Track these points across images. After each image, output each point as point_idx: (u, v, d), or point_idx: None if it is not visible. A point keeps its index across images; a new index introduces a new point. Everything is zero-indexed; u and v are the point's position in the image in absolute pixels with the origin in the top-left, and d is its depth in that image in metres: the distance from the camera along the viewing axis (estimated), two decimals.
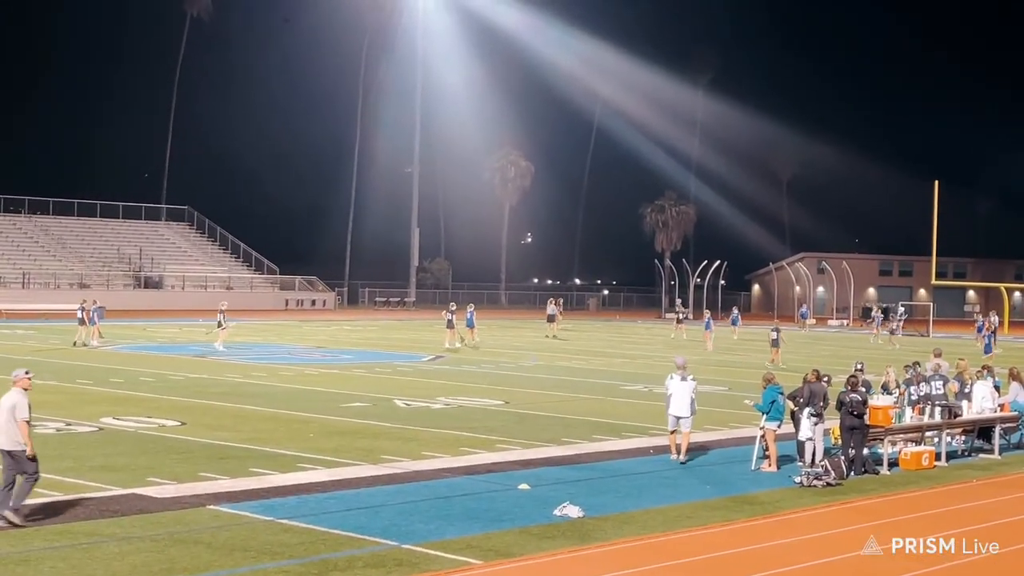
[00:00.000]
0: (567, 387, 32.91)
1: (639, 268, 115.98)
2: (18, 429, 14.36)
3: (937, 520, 15.78)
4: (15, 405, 14.47)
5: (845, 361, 41.79)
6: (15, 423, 14.37)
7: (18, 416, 14.38)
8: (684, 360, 20.74)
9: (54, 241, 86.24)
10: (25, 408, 14.47)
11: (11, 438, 14.39)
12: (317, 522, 14.77)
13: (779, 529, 15.43)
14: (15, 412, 14.40)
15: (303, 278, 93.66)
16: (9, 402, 14.51)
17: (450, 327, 48.73)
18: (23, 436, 14.37)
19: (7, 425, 14.38)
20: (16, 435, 14.38)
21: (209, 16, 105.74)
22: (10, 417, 14.39)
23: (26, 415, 14.44)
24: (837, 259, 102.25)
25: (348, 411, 25.87)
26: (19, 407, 14.45)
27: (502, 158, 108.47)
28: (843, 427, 19.82)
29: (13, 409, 14.43)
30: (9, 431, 14.38)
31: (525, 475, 18.32)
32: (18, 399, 14.54)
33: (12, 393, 14.64)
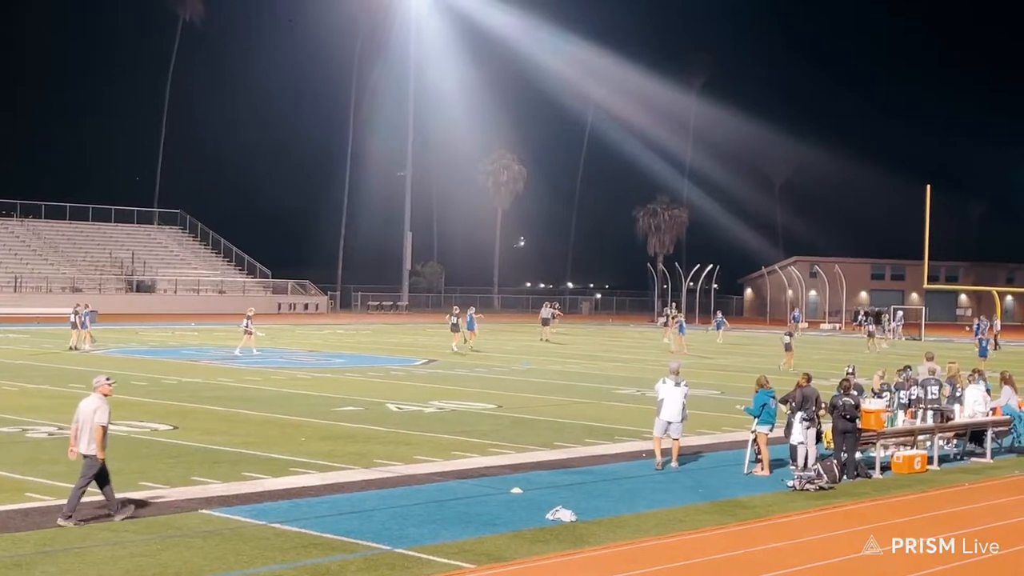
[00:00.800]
0: (560, 391, 32.90)
1: (632, 272, 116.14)
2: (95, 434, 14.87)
3: (930, 523, 15.79)
4: (96, 410, 14.95)
5: (837, 365, 41.88)
6: (94, 427, 14.88)
7: (96, 421, 14.87)
8: (678, 365, 20.65)
9: (46, 245, 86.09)
10: (105, 414, 15.00)
11: (92, 444, 14.92)
12: (310, 526, 14.75)
13: (772, 533, 15.44)
14: (95, 417, 14.89)
15: (296, 282, 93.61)
16: (91, 407, 14.99)
17: (455, 330, 49.04)
18: (96, 441, 14.84)
19: (88, 430, 14.89)
20: (93, 440, 14.89)
21: (202, 20, 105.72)
22: (91, 422, 14.91)
23: (105, 421, 14.95)
24: (829, 263, 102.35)
25: (341, 415, 25.85)
26: (99, 413, 14.94)
27: (495, 161, 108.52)
28: (835, 431, 19.83)
29: (94, 414, 14.92)
30: (90, 434, 14.91)
31: (518, 479, 18.32)
32: (99, 404, 15.03)
33: (93, 399, 15.13)
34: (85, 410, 15.01)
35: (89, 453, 14.85)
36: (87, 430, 14.88)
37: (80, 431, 14.93)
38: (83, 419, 14.96)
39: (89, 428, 14.85)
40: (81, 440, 14.90)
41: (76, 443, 14.95)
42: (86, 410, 15.00)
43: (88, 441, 14.84)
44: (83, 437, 14.90)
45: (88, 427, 14.86)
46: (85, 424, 14.91)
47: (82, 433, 14.92)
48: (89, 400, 15.15)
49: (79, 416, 14.99)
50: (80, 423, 14.95)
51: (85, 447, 14.87)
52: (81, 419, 14.96)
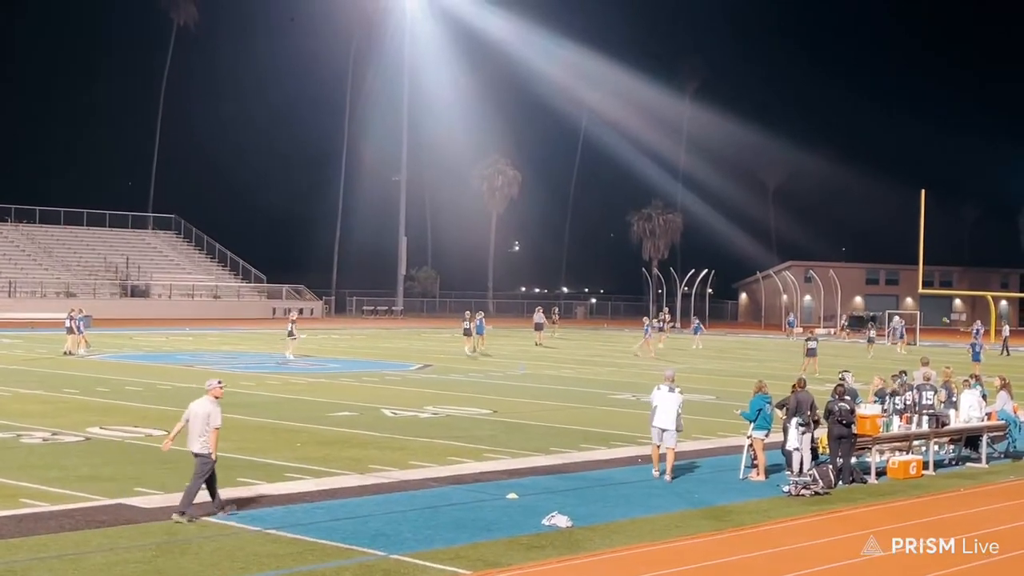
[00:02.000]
0: (555, 396, 32.88)
1: (627, 276, 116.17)
2: (210, 434, 15.54)
3: (926, 528, 15.78)
4: (209, 414, 15.63)
5: (833, 369, 41.88)
6: (208, 430, 15.51)
7: (211, 424, 15.57)
8: (673, 372, 20.39)
9: (40, 250, 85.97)
10: (218, 417, 15.70)
11: (204, 443, 15.56)
12: (305, 532, 14.73)
13: (767, 538, 15.43)
14: (209, 420, 15.56)
15: (290, 286, 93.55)
16: (204, 410, 15.66)
17: (467, 334, 49.41)
18: (211, 443, 15.52)
19: (201, 430, 15.54)
20: (207, 441, 15.54)
21: (196, 24, 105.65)
22: (204, 424, 15.53)
23: (219, 423, 15.66)
24: (824, 267, 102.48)
25: (336, 420, 25.82)
26: (213, 416, 15.64)
27: (490, 166, 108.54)
28: (831, 436, 19.83)
29: (208, 417, 15.58)
30: (203, 436, 15.55)
31: (513, 484, 18.29)
32: (212, 408, 15.71)
33: (204, 401, 15.79)
34: (198, 412, 15.69)
35: (202, 452, 15.52)
36: (198, 431, 15.53)
37: (190, 431, 15.61)
38: (194, 420, 15.63)
39: (200, 429, 15.53)
40: (192, 440, 15.59)
41: (173, 440, 15.86)
42: (199, 412, 15.68)
43: (202, 442, 15.53)
44: (193, 437, 15.58)
45: (199, 428, 15.54)
46: (196, 425, 15.57)
47: (191, 433, 15.60)
48: (201, 402, 15.80)
49: (189, 416, 15.67)
50: (190, 423, 15.64)
51: (198, 447, 15.54)
52: (192, 420, 15.65)
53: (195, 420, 15.67)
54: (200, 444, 15.58)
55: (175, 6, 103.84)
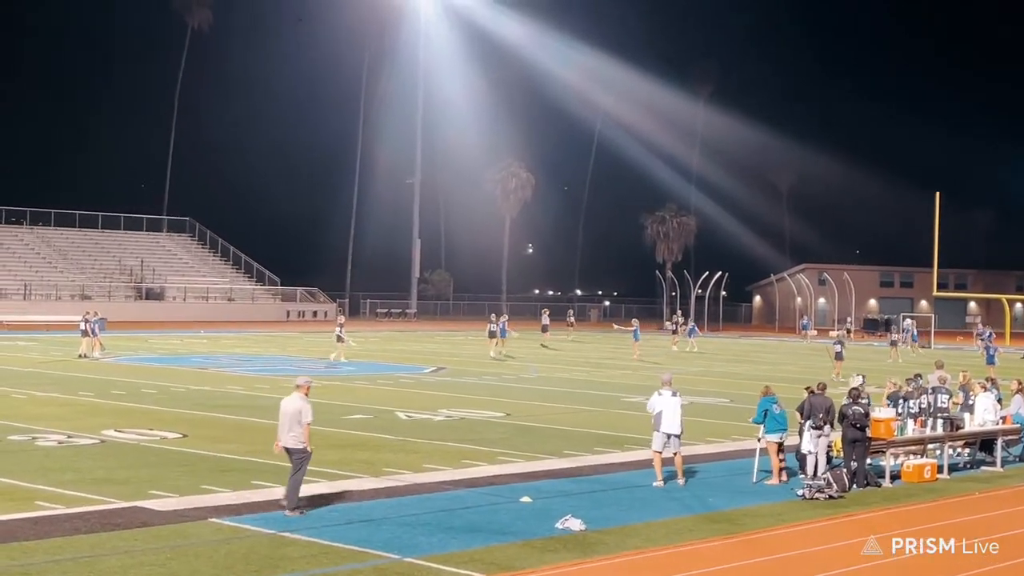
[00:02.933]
0: (569, 399, 32.88)
1: (640, 279, 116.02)
2: (301, 430, 16.14)
3: (940, 532, 15.74)
4: (300, 410, 16.23)
5: (847, 372, 41.80)
6: (300, 425, 16.12)
7: (303, 420, 16.20)
8: (671, 375, 20.13)
9: (55, 252, 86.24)
10: (309, 412, 16.33)
11: (296, 438, 16.18)
12: (319, 535, 14.76)
13: (781, 542, 15.41)
14: (301, 416, 16.15)
15: (304, 289, 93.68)
16: (294, 407, 16.27)
17: (492, 336, 49.58)
18: (305, 437, 16.17)
19: (293, 426, 16.15)
20: (300, 436, 16.13)
21: (210, 28, 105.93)
22: (295, 420, 16.15)
23: (310, 419, 16.30)
24: (838, 270, 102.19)
25: (350, 423, 25.86)
26: (304, 411, 16.25)
27: (503, 169, 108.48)
28: (845, 440, 19.79)
29: (299, 413, 16.19)
30: (294, 432, 16.16)
31: (527, 488, 18.31)
32: (302, 404, 16.30)
33: (294, 398, 16.41)
34: (289, 408, 16.29)
35: (295, 447, 16.15)
36: (288, 427, 16.16)
37: (281, 427, 16.29)
38: (285, 417, 16.26)
39: (290, 425, 16.13)
40: (283, 436, 16.24)
41: (280, 439, 16.39)
42: (289, 409, 16.28)
43: (293, 437, 16.14)
44: (284, 433, 16.23)
45: (290, 424, 16.14)
46: (287, 421, 16.20)
47: (282, 429, 16.24)
48: (291, 399, 16.41)
49: (282, 414, 16.31)
50: (281, 420, 16.32)
51: (291, 443, 16.16)
52: (283, 416, 16.30)
53: (286, 417, 16.27)
54: (291, 439, 16.20)
55: (189, 9, 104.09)
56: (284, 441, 16.32)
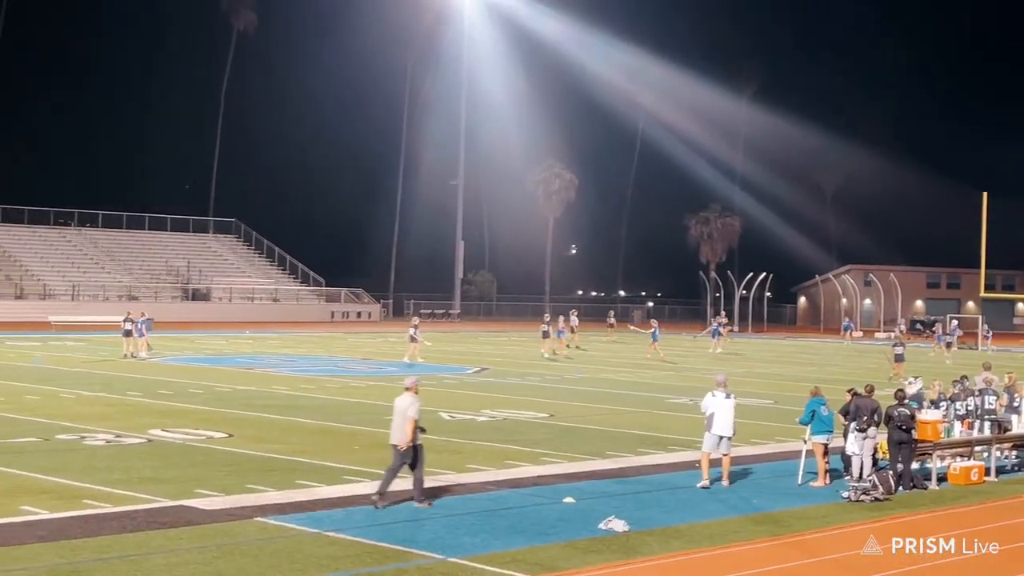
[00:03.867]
0: (612, 400, 32.84)
1: (684, 280, 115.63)
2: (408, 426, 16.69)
3: (986, 535, 15.59)
4: (409, 407, 16.80)
5: (907, 374, 41.52)
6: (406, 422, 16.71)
7: (408, 415, 16.73)
8: (725, 377, 20.06)
9: (103, 253, 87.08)
10: (416, 409, 16.82)
11: (405, 435, 16.72)
12: (363, 535, 14.82)
13: (827, 544, 15.33)
14: (407, 412, 16.73)
15: (349, 290, 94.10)
16: (403, 404, 16.86)
17: (546, 336, 49.68)
18: (408, 432, 16.69)
19: (402, 423, 16.73)
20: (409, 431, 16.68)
21: (255, 30, 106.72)
22: (404, 416, 16.72)
23: (414, 415, 16.75)
24: (884, 271, 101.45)
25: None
26: (410, 408, 16.83)
27: (546, 170, 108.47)
28: (891, 442, 19.65)
29: (407, 410, 16.73)
30: (404, 429, 16.71)
31: (570, 488, 18.30)
32: (411, 402, 16.88)
33: (405, 396, 17.01)
34: (399, 406, 16.90)
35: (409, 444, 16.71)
36: (399, 423, 16.78)
37: (393, 425, 16.93)
38: (396, 414, 16.91)
39: (401, 421, 16.73)
40: (395, 434, 16.84)
41: (393, 436, 16.91)
42: (400, 406, 16.89)
43: (401, 435, 16.71)
44: (395, 430, 16.85)
45: (400, 421, 16.76)
46: (398, 418, 16.83)
47: (394, 426, 16.90)
48: (403, 397, 17.01)
49: (395, 413, 16.94)
50: (394, 418, 16.94)
51: (399, 439, 16.73)
52: (395, 414, 16.93)
53: (397, 414, 16.87)
54: (400, 436, 16.73)
55: (235, 12, 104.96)
56: (394, 438, 16.90)
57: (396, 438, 16.86)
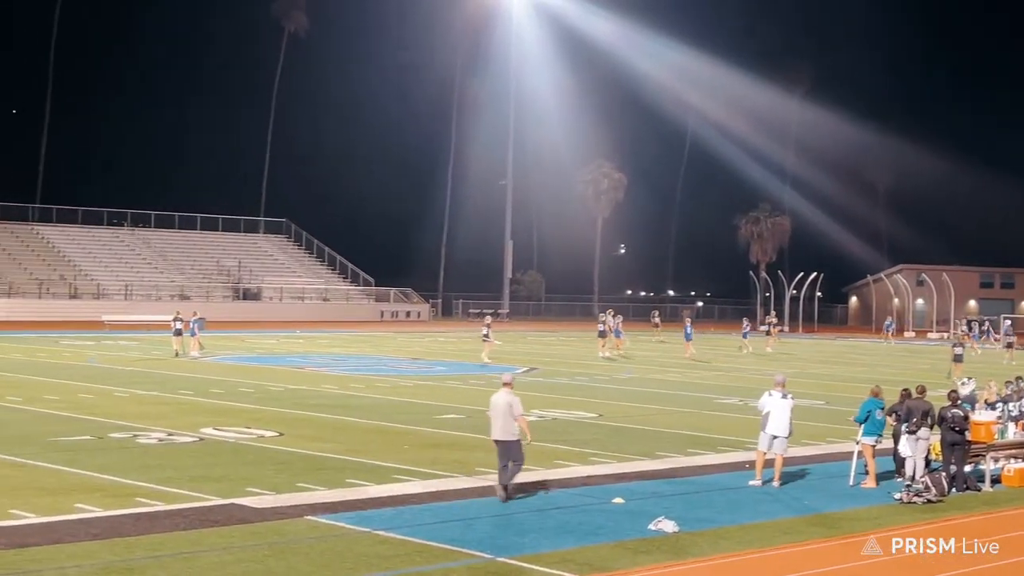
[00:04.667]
0: (661, 400, 32.74)
1: (734, 280, 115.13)
2: (514, 423, 17.12)
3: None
4: (510, 404, 17.20)
5: (943, 375, 41.13)
6: (511, 418, 17.09)
7: (515, 413, 17.17)
8: (784, 377, 19.90)
9: (155, 253, 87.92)
10: (520, 405, 17.29)
11: (506, 430, 17.10)
12: (412, 534, 14.86)
13: (879, 545, 15.18)
14: (512, 409, 17.14)
15: (398, 290, 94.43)
16: (505, 401, 17.23)
17: (602, 336, 49.68)
18: (524, 429, 17.27)
19: (504, 420, 17.11)
20: (511, 428, 17.10)
21: (306, 32, 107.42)
22: (507, 413, 17.10)
23: (521, 411, 17.28)
24: (937, 271, 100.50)
25: (443, 423, 26.00)
26: (515, 405, 17.23)
27: (595, 170, 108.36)
28: (944, 443, 19.47)
29: (509, 407, 17.15)
30: (505, 425, 17.11)
31: (619, 489, 18.27)
32: (512, 398, 17.28)
33: (503, 393, 17.37)
34: (498, 403, 17.26)
35: (506, 439, 17.09)
36: (500, 420, 17.10)
37: (492, 421, 17.27)
38: (495, 411, 17.22)
39: (502, 418, 17.07)
40: (495, 429, 17.21)
41: (493, 431, 17.29)
42: (499, 403, 17.23)
43: (502, 429, 17.07)
44: (495, 426, 17.19)
45: (501, 417, 17.07)
46: (498, 415, 17.14)
47: (493, 423, 17.23)
48: (500, 394, 17.38)
49: (493, 408, 17.30)
50: (492, 414, 17.28)
51: (504, 435, 17.10)
52: (493, 411, 17.27)
53: (497, 411, 17.18)
54: (501, 431, 17.10)
55: (286, 14, 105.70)
56: (496, 434, 17.22)
57: (497, 434, 17.21)
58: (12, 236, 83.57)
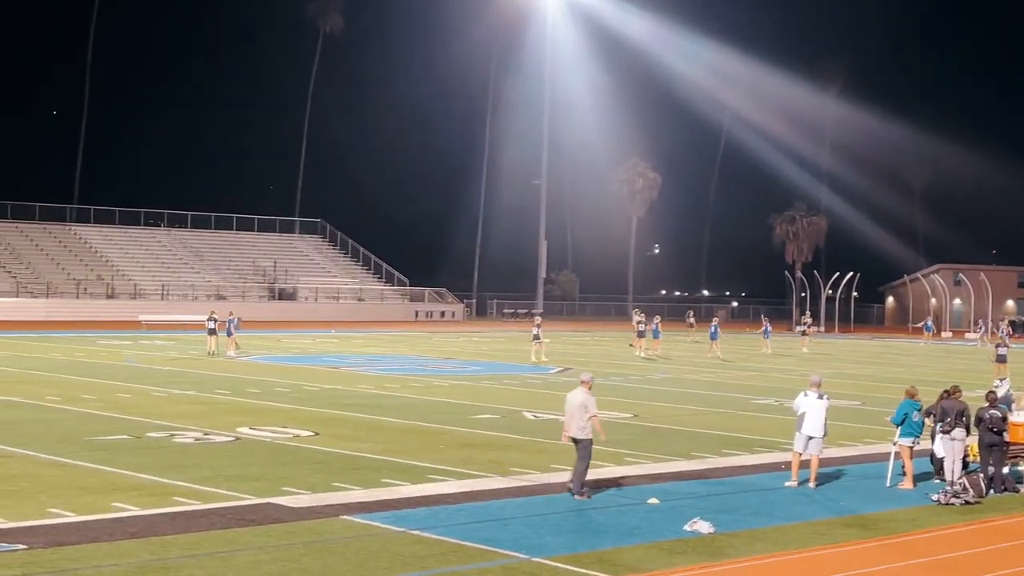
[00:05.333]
0: (696, 400, 32.64)
1: (769, 280, 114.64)
2: (586, 422, 17.47)
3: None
4: (584, 403, 17.57)
5: (985, 376, 40.85)
6: (584, 416, 17.45)
7: (590, 411, 17.54)
8: (820, 378, 19.76)
9: (192, 254, 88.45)
10: (593, 405, 17.68)
11: (580, 428, 17.46)
12: (447, 533, 14.87)
13: (916, 548, 15.10)
14: (586, 408, 17.51)
15: (432, 290, 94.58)
16: (579, 400, 17.63)
17: (641, 336, 49.63)
18: (596, 428, 17.68)
19: (578, 418, 17.49)
20: (584, 427, 17.43)
21: (341, 32, 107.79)
22: (581, 411, 17.48)
23: (595, 411, 17.66)
24: (974, 271, 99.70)
25: (477, 423, 26.01)
26: (589, 404, 17.62)
27: (629, 169, 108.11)
28: (982, 444, 19.31)
29: (583, 406, 17.52)
30: (579, 423, 17.48)
31: (654, 489, 18.23)
32: (586, 397, 17.65)
33: (579, 392, 17.77)
34: (573, 401, 17.64)
35: (581, 437, 17.44)
36: (575, 418, 17.46)
37: (567, 419, 17.64)
38: (571, 409, 17.59)
39: (577, 416, 17.44)
40: (570, 427, 17.57)
41: (567, 429, 17.68)
42: (575, 402, 17.62)
43: (578, 428, 17.45)
44: (571, 424, 17.54)
45: (576, 416, 17.45)
46: (573, 413, 17.50)
47: (569, 421, 17.58)
48: (576, 393, 17.78)
49: (568, 406, 17.67)
50: (567, 412, 17.66)
51: (576, 432, 17.47)
52: (569, 409, 17.64)
53: (571, 409, 17.54)
54: (577, 430, 17.46)
55: (322, 15, 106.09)
56: (570, 431, 17.55)
57: (572, 431, 17.52)
58: (50, 237, 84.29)
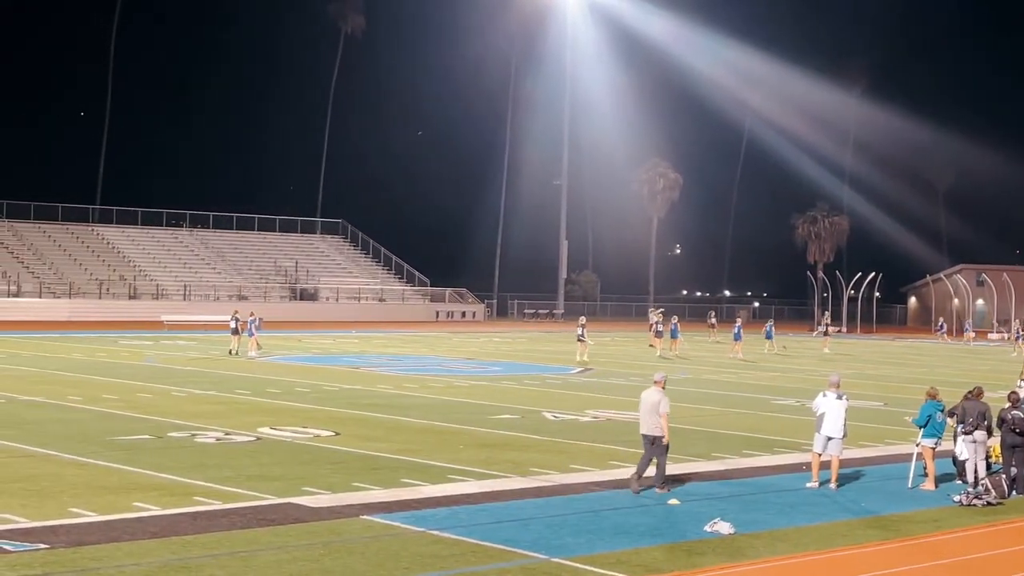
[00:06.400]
0: (716, 401, 32.58)
1: (791, 280, 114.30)
2: (660, 420, 17.78)
3: None
4: (659, 402, 17.92)
5: (1009, 377, 40.57)
6: (658, 415, 17.81)
7: (661, 410, 17.88)
8: (839, 377, 19.66)
9: (214, 254, 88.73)
10: (666, 404, 17.98)
11: (651, 426, 17.88)
12: (467, 534, 14.87)
13: (938, 549, 15.03)
14: (659, 407, 17.88)
15: (453, 290, 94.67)
16: (654, 399, 18.00)
17: (659, 336, 49.55)
18: (663, 427, 17.82)
19: (651, 416, 17.88)
20: (657, 425, 17.79)
21: (362, 33, 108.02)
22: (654, 410, 17.86)
23: (667, 409, 17.94)
24: (997, 271, 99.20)
25: (497, 423, 26.00)
26: (662, 403, 17.94)
27: (650, 169, 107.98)
28: (1004, 445, 19.19)
29: (657, 404, 17.89)
30: (652, 421, 17.88)
31: (675, 490, 18.18)
32: (660, 397, 17.98)
33: (653, 391, 18.13)
34: (649, 400, 18.03)
35: (650, 434, 17.86)
36: (649, 416, 17.87)
37: (642, 417, 18.05)
38: (645, 407, 18.01)
39: (650, 414, 17.85)
40: (644, 424, 17.99)
41: (642, 426, 18.05)
42: (649, 400, 18.01)
43: (651, 424, 17.84)
44: (644, 422, 17.99)
45: (650, 414, 17.85)
46: (647, 411, 17.92)
47: (643, 419, 18.01)
48: (650, 391, 18.15)
49: (642, 404, 18.11)
50: (642, 410, 18.07)
51: (650, 430, 17.87)
52: (643, 407, 18.07)
53: (646, 407, 17.96)
54: (649, 427, 17.86)
55: (343, 16, 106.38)
56: (644, 428, 17.96)
57: (645, 428, 17.92)
58: (73, 237, 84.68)
